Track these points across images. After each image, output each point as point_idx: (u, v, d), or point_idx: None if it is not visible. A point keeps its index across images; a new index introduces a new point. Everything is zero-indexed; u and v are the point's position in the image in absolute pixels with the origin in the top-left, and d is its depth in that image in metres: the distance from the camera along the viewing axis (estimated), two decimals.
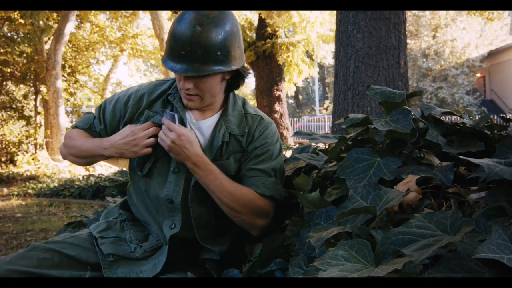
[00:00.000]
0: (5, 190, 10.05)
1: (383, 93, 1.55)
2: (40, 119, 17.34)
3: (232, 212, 1.65)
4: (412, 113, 1.43)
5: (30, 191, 9.66)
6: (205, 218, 1.73)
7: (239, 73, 1.75)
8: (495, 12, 12.82)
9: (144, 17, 23.38)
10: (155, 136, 1.69)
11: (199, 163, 1.62)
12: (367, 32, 5.96)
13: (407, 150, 1.47)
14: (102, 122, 1.84)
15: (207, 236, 1.75)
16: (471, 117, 1.73)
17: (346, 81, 6.07)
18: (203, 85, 1.63)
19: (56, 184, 9.76)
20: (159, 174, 1.73)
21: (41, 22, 13.02)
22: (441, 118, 1.57)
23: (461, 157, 1.15)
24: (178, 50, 1.56)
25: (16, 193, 9.65)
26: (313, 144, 2.17)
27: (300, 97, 42.86)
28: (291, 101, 40.14)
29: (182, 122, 1.69)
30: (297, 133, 2.24)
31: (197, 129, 1.73)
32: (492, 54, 28.90)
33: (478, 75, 30.65)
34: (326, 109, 36.71)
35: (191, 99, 1.67)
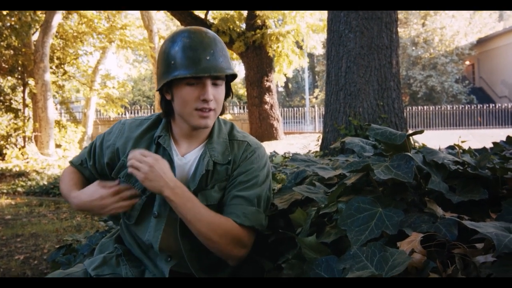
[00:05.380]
0: None
1: (384, 134, 1.51)
2: (29, 111, 17.15)
3: (209, 242, 1.58)
4: (414, 159, 1.39)
5: (19, 189, 9.56)
6: (195, 252, 1.69)
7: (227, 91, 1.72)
8: None
9: None
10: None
11: (178, 189, 1.56)
12: (359, 32, 5.90)
13: (409, 197, 1.43)
14: (91, 158, 1.82)
15: (200, 269, 1.71)
16: (471, 155, 1.69)
17: (338, 81, 6.02)
18: (219, 96, 1.61)
19: (45, 182, 9.67)
20: (146, 220, 1.71)
21: (28, 17, 12.81)
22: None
23: (468, 225, 1.12)
24: (201, 57, 1.52)
25: (5, 191, 9.56)
26: (307, 170, 2.12)
27: (290, 85, 42.80)
28: (280, 89, 40.07)
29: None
30: (293, 160, 2.20)
31: (184, 164, 1.69)
32: (481, 42, 29.02)
33: (467, 63, 30.79)
34: (316, 97, 36.69)
35: (208, 116, 1.59)
